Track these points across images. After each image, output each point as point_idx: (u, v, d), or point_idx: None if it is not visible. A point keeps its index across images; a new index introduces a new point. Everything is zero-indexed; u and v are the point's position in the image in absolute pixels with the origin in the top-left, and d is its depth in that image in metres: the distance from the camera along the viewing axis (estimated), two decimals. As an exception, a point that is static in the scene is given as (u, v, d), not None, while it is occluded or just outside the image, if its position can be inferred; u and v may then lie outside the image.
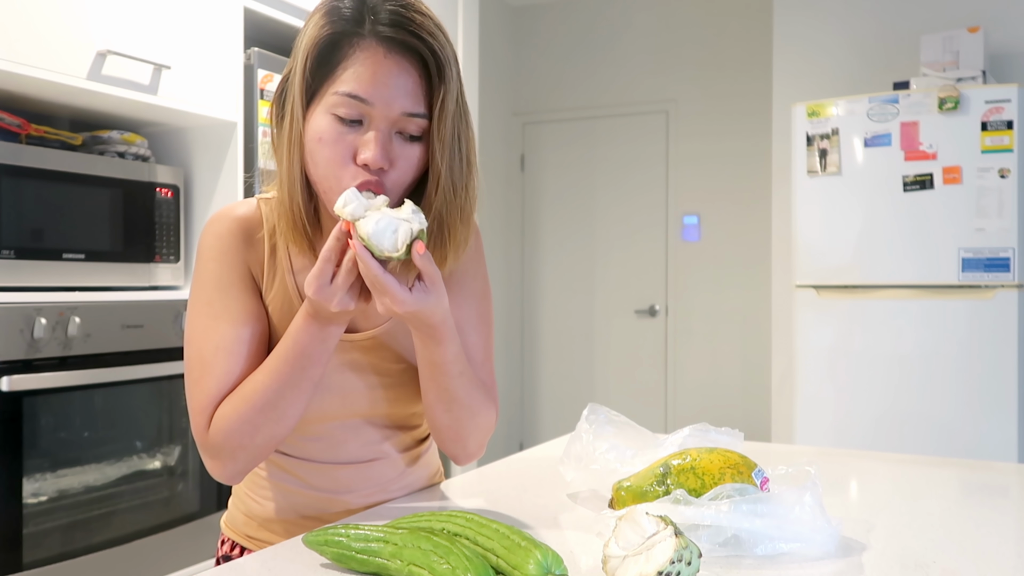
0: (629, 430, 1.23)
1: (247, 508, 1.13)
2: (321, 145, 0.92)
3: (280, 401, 0.96)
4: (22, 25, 1.88)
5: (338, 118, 0.91)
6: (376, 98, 0.90)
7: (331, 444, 1.08)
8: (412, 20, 0.90)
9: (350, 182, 0.91)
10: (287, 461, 1.09)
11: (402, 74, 0.91)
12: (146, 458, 2.21)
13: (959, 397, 3.06)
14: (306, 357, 0.94)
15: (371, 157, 0.90)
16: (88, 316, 1.98)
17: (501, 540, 0.81)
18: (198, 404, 0.99)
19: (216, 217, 1.04)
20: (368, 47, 0.90)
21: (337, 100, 0.91)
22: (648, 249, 4.85)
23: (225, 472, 1.00)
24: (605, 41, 4.95)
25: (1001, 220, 3.00)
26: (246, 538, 1.12)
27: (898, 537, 0.99)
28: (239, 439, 0.96)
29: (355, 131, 0.92)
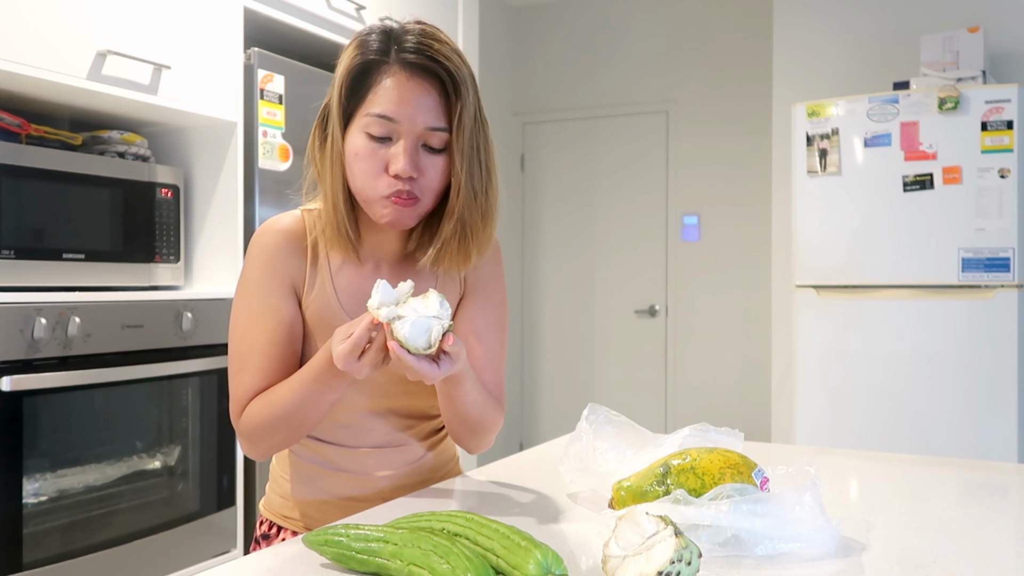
0: (629, 430, 1.23)
1: (282, 490, 1.24)
2: (358, 160, 1.06)
3: (299, 414, 1.09)
4: (22, 25, 1.88)
5: (370, 136, 1.05)
6: (401, 116, 1.04)
7: (359, 431, 1.19)
8: (431, 47, 1.04)
9: (385, 191, 1.06)
10: (318, 446, 1.20)
11: (423, 94, 1.04)
12: (146, 458, 2.21)
13: (959, 397, 3.06)
14: (326, 386, 1.06)
15: (401, 168, 1.04)
16: (88, 316, 1.98)
17: (501, 540, 0.81)
18: (235, 395, 1.13)
19: (263, 229, 1.16)
20: (393, 72, 1.04)
21: (369, 120, 1.05)
22: (648, 249, 4.85)
23: (252, 453, 1.15)
24: (605, 41, 4.95)
25: (1001, 220, 3.00)
26: (282, 518, 1.23)
27: (898, 537, 0.99)
28: (261, 435, 1.12)
29: (386, 146, 1.05)
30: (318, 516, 1.21)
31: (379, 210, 1.08)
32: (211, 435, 2.32)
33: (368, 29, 1.09)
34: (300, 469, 1.23)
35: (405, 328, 0.94)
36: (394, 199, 1.06)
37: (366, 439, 1.20)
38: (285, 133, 2.50)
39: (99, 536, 2.04)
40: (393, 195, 1.06)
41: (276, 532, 1.24)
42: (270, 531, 1.25)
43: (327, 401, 1.08)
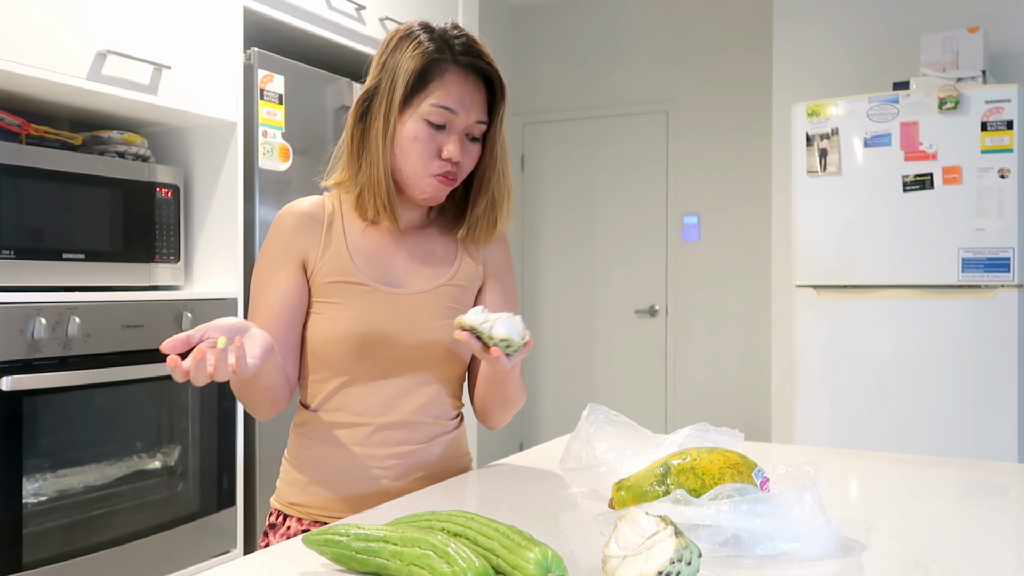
0: (629, 430, 1.23)
1: (290, 477, 1.29)
2: (416, 143, 1.20)
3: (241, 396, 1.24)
4: (22, 25, 1.88)
5: (429, 123, 1.20)
6: (459, 108, 1.20)
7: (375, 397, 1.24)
8: (482, 53, 1.22)
9: (436, 171, 1.21)
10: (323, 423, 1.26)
11: (477, 93, 1.22)
12: (146, 458, 2.21)
13: (959, 397, 3.06)
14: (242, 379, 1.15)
15: (454, 152, 1.21)
16: (88, 316, 1.98)
17: (501, 540, 0.81)
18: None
19: (284, 210, 1.28)
20: (454, 71, 1.20)
21: (430, 110, 1.19)
22: (648, 249, 4.85)
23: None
24: (605, 41, 4.95)
25: (1001, 220, 3.00)
26: (289, 505, 1.27)
27: (898, 537, 0.99)
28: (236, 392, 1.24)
29: (441, 133, 1.21)
30: (323, 499, 1.24)
31: (423, 187, 1.23)
32: (211, 435, 2.32)
33: (414, 30, 1.22)
34: (307, 447, 1.27)
35: (501, 329, 1.08)
36: (440, 178, 1.22)
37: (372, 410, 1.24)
38: (285, 133, 2.50)
39: (99, 536, 2.04)
40: (441, 175, 1.22)
41: (282, 520, 1.27)
42: (277, 520, 1.28)
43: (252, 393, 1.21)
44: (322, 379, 1.25)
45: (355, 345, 1.22)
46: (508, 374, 1.22)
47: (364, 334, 1.21)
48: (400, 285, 1.25)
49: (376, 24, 2.92)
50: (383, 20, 2.95)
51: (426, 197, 1.25)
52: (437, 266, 1.29)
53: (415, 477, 1.26)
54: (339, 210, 1.27)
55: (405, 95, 1.19)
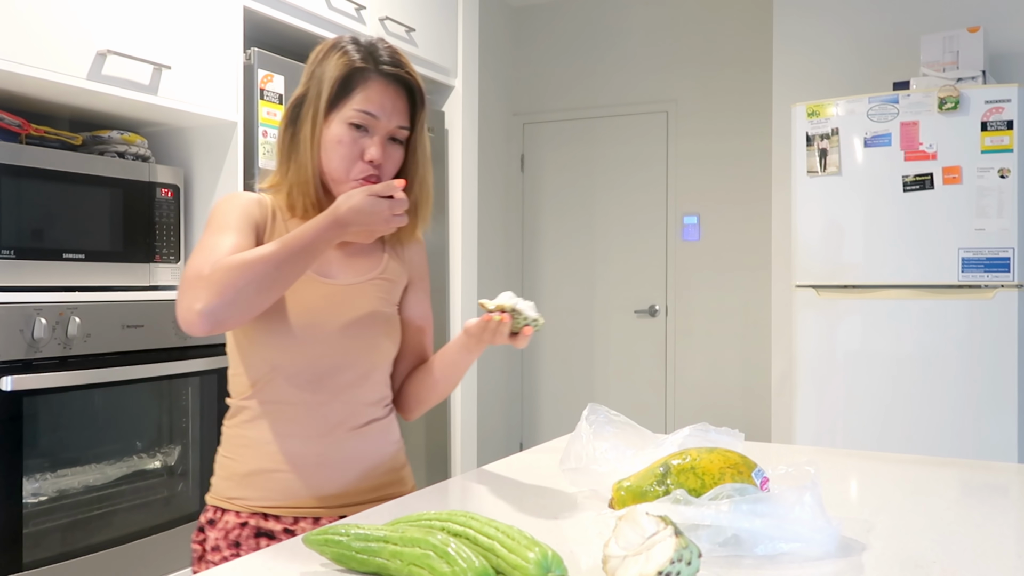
0: (629, 430, 1.23)
1: (226, 472, 1.30)
2: (340, 146, 1.26)
3: (282, 266, 1.16)
4: (22, 25, 1.88)
5: (352, 126, 1.26)
6: (381, 113, 1.26)
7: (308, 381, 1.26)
8: (404, 63, 1.30)
9: (358, 174, 1.26)
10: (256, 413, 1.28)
11: (399, 100, 1.29)
12: (146, 458, 2.21)
13: (959, 397, 3.06)
14: (313, 247, 1.18)
15: (376, 154, 1.26)
16: (88, 316, 1.98)
17: (501, 540, 0.81)
18: (202, 261, 1.17)
19: (231, 192, 1.35)
20: (376, 79, 1.27)
21: (353, 114, 1.25)
22: (648, 249, 4.85)
23: (202, 306, 1.13)
24: (605, 41, 4.95)
25: (1001, 220, 3.00)
26: (227, 500, 1.28)
27: (898, 537, 0.99)
28: (236, 275, 1.14)
29: (363, 136, 1.27)
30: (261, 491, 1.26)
31: (347, 189, 1.25)
32: (211, 435, 2.32)
33: (343, 41, 1.29)
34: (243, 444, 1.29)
35: (529, 309, 1.22)
36: (363, 182, 1.26)
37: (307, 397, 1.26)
38: (285, 133, 2.50)
39: (99, 536, 2.04)
40: (364, 178, 1.26)
41: (220, 515, 1.28)
42: (215, 515, 1.28)
43: (305, 265, 1.18)
44: (255, 369, 1.27)
45: (292, 330, 1.24)
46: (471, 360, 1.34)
47: (301, 320, 1.24)
48: (333, 276, 1.30)
49: (376, 24, 2.92)
50: (383, 20, 2.95)
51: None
52: (366, 261, 1.35)
53: (351, 464, 1.29)
54: (277, 208, 1.32)
55: (330, 100, 1.26)
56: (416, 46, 3.11)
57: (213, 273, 1.14)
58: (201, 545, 1.28)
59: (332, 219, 1.18)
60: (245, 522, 1.25)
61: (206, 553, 1.27)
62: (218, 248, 1.20)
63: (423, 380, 1.39)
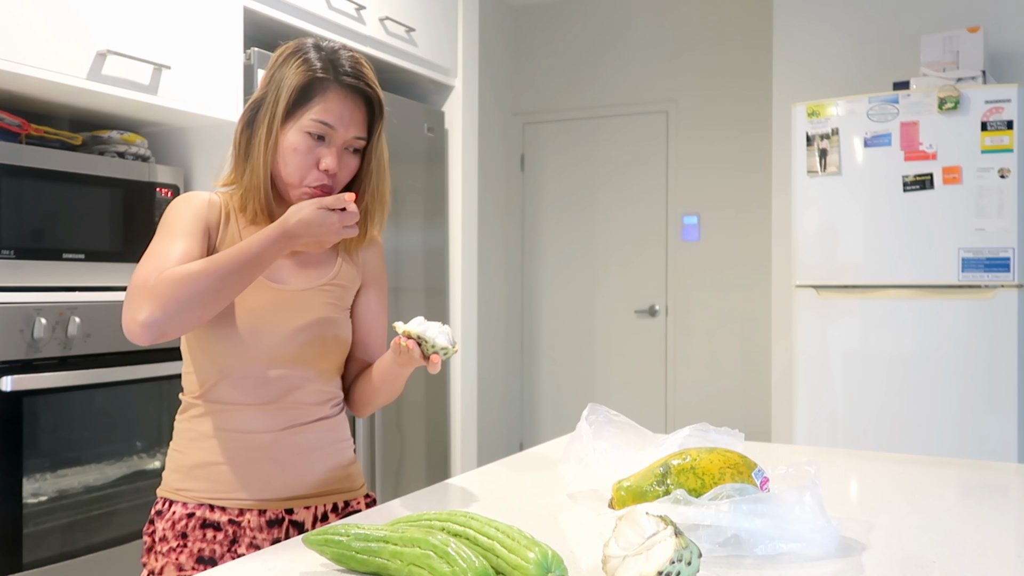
0: (629, 430, 1.23)
1: (175, 464, 1.31)
2: (296, 154, 1.27)
3: (226, 279, 1.17)
4: (22, 25, 1.88)
5: (310, 135, 1.26)
6: (338, 124, 1.27)
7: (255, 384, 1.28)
8: (365, 74, 1.30)
9: (312, 182, 1.28)
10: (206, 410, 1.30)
11: (357, 111, 1.29)
12: (146, 458, 2.21)
13: (959, 397, 3.06)
14: (260, 259, 1.19)
15: (331, 164, 1.27)
16: (88, 316, 1.98)
17: (501, 540, 0.81)
18: (147, 273, 1.19)
19: (187, 194, 1.33)
20: (336, 89, 1.27)
21: (311, 124, 1.26)
22: (648, 249, 4.85)
23: (144, 317, 1.17)
24: (605, 41, 4.95)
25: (1001, 220, 3.00)
26: (175, 492, 1.29)
27: (898, 537, 0.99)
28: (179, 288, 1.16)
29: (320, 145, 1.27)
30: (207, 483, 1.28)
31: (299, 195, 1.28)
32: (211, 435, 2.32)
33: (305, 47, 1.29)
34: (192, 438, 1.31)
35: (443, 339, 1.21)
36: (316, 189, 1.28)
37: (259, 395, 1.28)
38: (285, 133, 2.50)
39: (99, 536, 2.04)
40: (318, 186, 1.28)
41: (168, 507, 1.29)
42: (163, 507, 1.30)
43: (251, 277, 1.20)
44: (205, 368, 1.29)
45: (240, 335, 1.26)
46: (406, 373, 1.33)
47: (249, 325, 1.26)
48: (284, 282, 1.32)
49: (376, 24, 2.92)
50: (383, 20, 2.95)
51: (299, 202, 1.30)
52: (318, 267, 1.35)
53: (296, 459, 1.31)
54: (230, 206, 1.33)
55: (288, 108, 1.26)
56: (416, 46, 3.11)
57: (157, 285, 1.16)
58: (151, 537, 1.29)
59: (281, 231, 1.19)
60: (192, 513, 1.27)
61: (155, 544, 1.28)
62: (166, 255, 1.21)
63: (366, 384, 1.40)
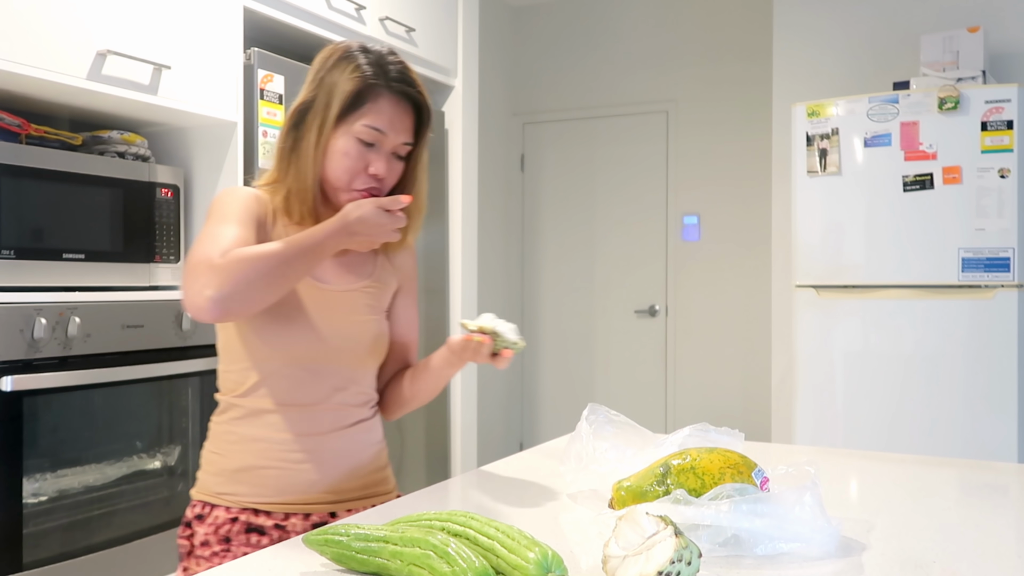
0: (629, 430, 1.23)
1: (215, 467, 1.31)
2: (346, 159, 1.28)
3: (292, 263, 1.19)
4: (22, 25, 1.88)
5: (361, 141, 1.28)
6: (389, 130, 1.29)
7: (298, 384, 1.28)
8: (415, 81, 1.32)
9: (360, 186, 1.29)
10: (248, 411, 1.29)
11: (407, 117, 1.31)
12: (146, 458, 2.21)
13: (959, 397, 3.06)
14: (322, 249, 1.21)
15: (381, 169, 1.29)
16: (88, 316, 1.98)
17: (501, 540, 0.81)
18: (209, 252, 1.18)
19: (234, 187, 1.35)
20: (387, 96, 1.29)
21: (363, 130, 1.27)
22: (648, 249, 4.85)
23: (212, 292, 1.14)
24: (605, 41, 4.95)
25: (1001, 220, 3.00)
26: (215, 495, 1.29)
27: (898, 537, 0.99)
28: (248, 267, 1.16)
29: (369, 150, 1.29)
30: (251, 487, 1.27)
31: (347, 199, 1.29)
32: (211, 435, 2.32)
33: (354, 51, 1.30)
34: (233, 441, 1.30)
35: (509, 332, 1.27)
36: (364, 193, 1.29)
37: (299, 395, 1.29)
38: (285, 133, 2.50)
39: (99, 536, 2.04)
40: (365, 189, 1.29)
41: (209, 511, 1.29)
42: (203, 510, 1.30)
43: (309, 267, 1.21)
44: (248, 367, 1.29)
45: (285, 333, 1.26)
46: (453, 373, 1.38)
47: (295, 323, 1.27)
48: (328, 281, 1.33)
49: (376, 24, 2.92)
50: (383, 20, 2.95)
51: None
52: (358, 267, 1.37)
53: (339, 462, 1.31)
54: (274, 205, 1.34)
55: (340, 114, 1.27)
56: (416, 46, 3.11)
57: (226, 263, 1.15)
58: (189, 540, 1.29)
59: (341, 225, 1.20)
60: (235, 517, 1.26)
61: (195, 548, 1.27)
62: (223, 237, 1.21)
63: (405, 385, 1.42)
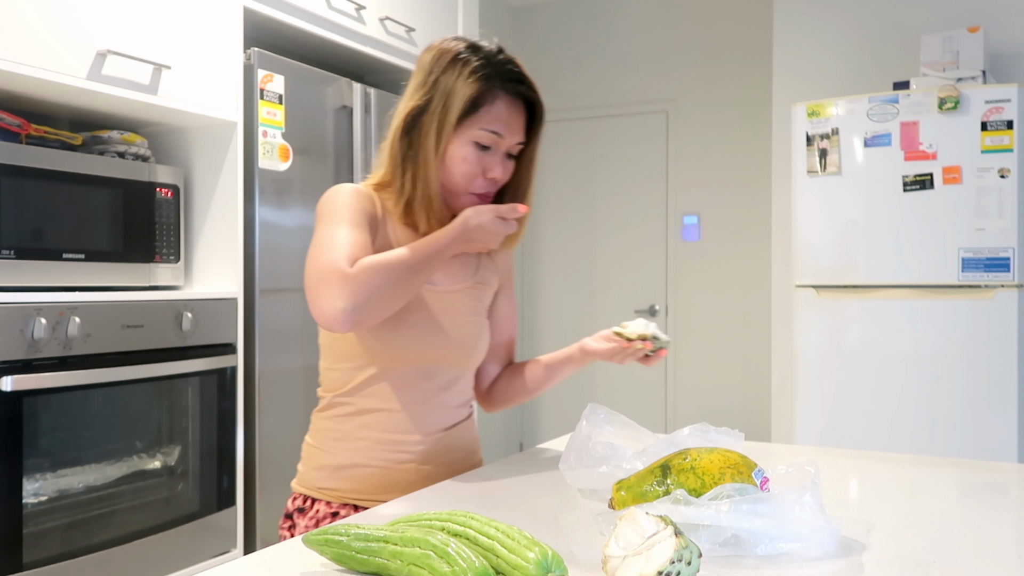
0: (629, 430, 1.23)
1: (317, 463, 1.33)
2: (464, 163, 1.28)
3: (419, 269, 1.21)
4: (22, 25, 1.88)
5: (478, 145, 1.28)
6: (506, 132, 1.29)
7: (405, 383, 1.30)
8: (528, 80, 1.31)
9: (478, 189, 1.30)
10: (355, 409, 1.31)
11: (521, 117, 1.32)
12: (146, 458, 2.21)
13: (959, 397, 3.06)
14: (443, 255, 1.23)
15: (499, 174, 1.30)
16: (88, 316, 1.98)
17: (501, 540, 0.81)
18: (334, 259, 1.19)
19: (341, 184, 1.32)
20: (504, 98, 1.29)
21: (480, 133, 1.27)
22: (648, 249, 4.85)
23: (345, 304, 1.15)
24: (605, 41, 4.95)
25: (1001, 220, 3.00)
26: (316, 489, 1.32)
27: (898, 537, 0.99)
28: (379, 277, 1.17)
29: (486, 154, 1.29)
30: (353, 483, 1.30)
31: (464, 202, 1.31)
32: (211, 435, 2.32)
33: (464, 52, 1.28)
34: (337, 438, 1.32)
35: (661, 333, 1.33)
36: (481, 197, 1.31)
37: (405, 397, 1.30)
38: (285, 133, 2.50)
39: (99, 536, 2.04)
40: (482, 193, 1.31)
41: (310, 504, 1.32)
42: (304, 504, 1.33)
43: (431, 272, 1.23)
44: (357, 366, 1.30)
45: (396, 333, 1.27)
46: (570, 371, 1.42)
47: (405, 323, 1.28)
48: (435, 283, 1.34)
49: (376, 24, 2.92)
50: (383, 20, 2.95)
51: (463, 208, 1.31)
52: (464, 266, 1.39)
53: (439, 461, 1.34)
54: (384, 206, 1.33)
55: (458, 118, 1.26)
56: (416, 46, 3.11)
57: (356, 273, 1.16)
58: (290, 532, 1.32)
59: (461, 231, 1.22)
60: (336, 512, 1.29)
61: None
62: (344, 242, 1.21)
63: (517, 381, 1.47)
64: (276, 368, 2.48)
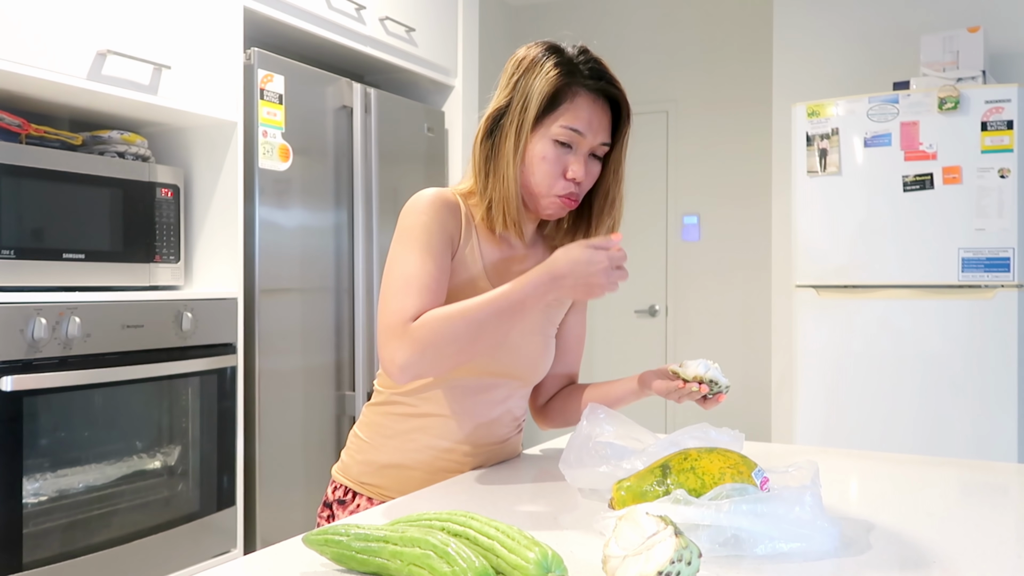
0: (629, 430, 1.23)
1: (364, 456, 1.33)
2: (544, 163, 1.24)
3: (485, 324, 1.15)
4: (22, 25, 1.88)
5: (558, 143, 1.23)
6: (587, 131, 1.24)
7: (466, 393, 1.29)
8: (611, 77, 1.27)
9: (560, 191, 1.25)
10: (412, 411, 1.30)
11: (604, 115, 1.26)
12: (146, 458, 2.21)
13: (959, 397, 3.06)
14: (523, 305, 1.16)
15: (578, 173, 1.24)
16: (88, 316, 1.98)
17: (501, 540, 0.81)
18: (402, 307, 1.17)
19: (425, 192, 1.27)
20: (585, 95, 1.24)
21: (560, 131, 1.23)
22: (648, 249, 4.85)
23: (403, 361, 1.15)
24: (605, 41, 4.94)
25: (1001, 220, 3.00)
26: (359, 484, 1.32)
27: (898, 537, 0.99)
28: (438, 335, 1.14)
29: (567, 153, 1.24)
30: (397, 483, 1.29)
31: (546, 204, 1.27)
32: (211, 435, 2.32)
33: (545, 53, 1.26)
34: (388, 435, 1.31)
35: (720, 375, 1.27)
36: (563, 199, 1.26)
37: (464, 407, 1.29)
38: (285, 133, 2.50)
39: (99, 536, 2.04)
40: (565, 195, 1.25)
41: (352, 498, 1.32)
42: (346, 496, 1.33)
43: (510, 325, 1.17)
44: None
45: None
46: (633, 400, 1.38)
47: None
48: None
49: (376, 24, 2.92)
50: (383, 20, 2.95)
51: (550, 214, 1.30)
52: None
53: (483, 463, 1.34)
54: (470, 214, 1.30)
55: (536, 116, 1.23)
56: (416, 46, 3.11)
57: (417, 329, 1.15)
58: (328, 521, 1.31)
59: (547, 272, 1.15)
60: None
61: None
62: (414, 283, 1.18)
63: (573, 404, 1.43)
64: (276, 368, 2.48)
